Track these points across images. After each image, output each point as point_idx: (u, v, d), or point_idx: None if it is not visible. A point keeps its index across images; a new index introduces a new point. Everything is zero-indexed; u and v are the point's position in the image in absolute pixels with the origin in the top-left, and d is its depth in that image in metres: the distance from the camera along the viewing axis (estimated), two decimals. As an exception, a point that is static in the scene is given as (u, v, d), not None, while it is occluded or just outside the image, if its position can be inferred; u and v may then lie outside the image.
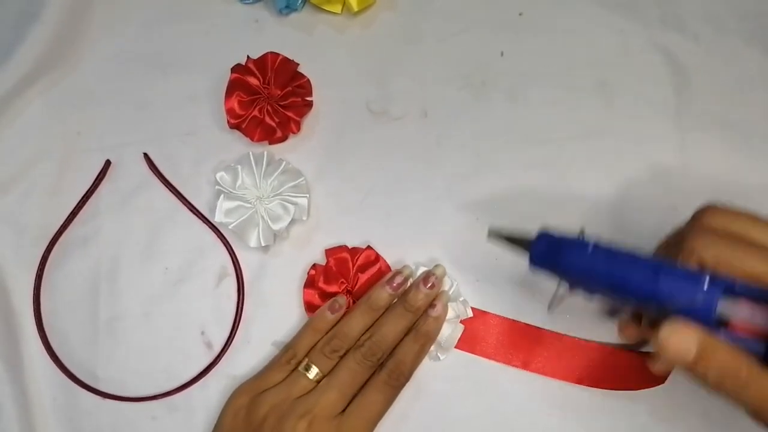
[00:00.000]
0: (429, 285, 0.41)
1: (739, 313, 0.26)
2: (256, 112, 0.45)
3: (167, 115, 0.49)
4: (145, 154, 0.47)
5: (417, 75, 0.49)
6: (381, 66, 0.49)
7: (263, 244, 0.43)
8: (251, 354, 0.44)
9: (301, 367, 0.39)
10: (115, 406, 0.43)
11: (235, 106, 0.45)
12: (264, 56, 0.46)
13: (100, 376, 0.44)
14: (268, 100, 0.45)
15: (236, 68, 0.45)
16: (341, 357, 0.40)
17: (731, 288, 0.27)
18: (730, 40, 0.49)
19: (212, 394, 0.43)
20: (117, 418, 0.43)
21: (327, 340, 0.40)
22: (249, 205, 0.43)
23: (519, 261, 0.45)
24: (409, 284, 0.42)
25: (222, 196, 0.44)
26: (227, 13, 0.51)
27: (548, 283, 0.37)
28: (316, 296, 0.43)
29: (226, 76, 0.45)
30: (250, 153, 0.44)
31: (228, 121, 0.45)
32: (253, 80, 0.45)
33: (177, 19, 0.51)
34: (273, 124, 0.45)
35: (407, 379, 0.40)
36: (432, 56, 0.49)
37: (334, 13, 0.50)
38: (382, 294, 0.41)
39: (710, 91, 0.47)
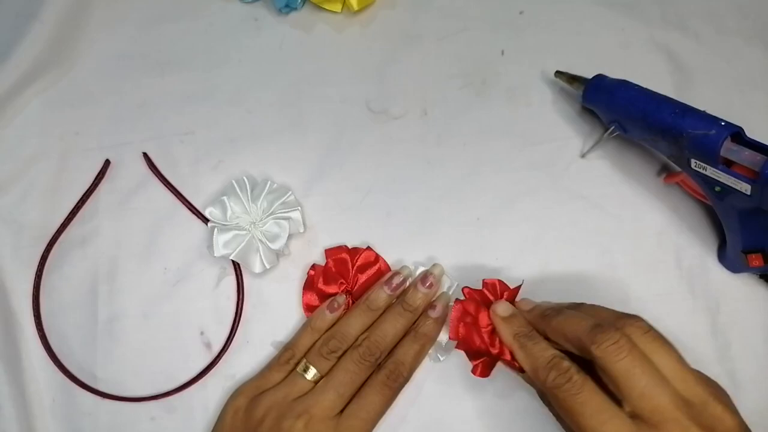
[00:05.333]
0: (427, 284, 0.41)
1: (737, 153, 0.36)
2: None
3: (166, 114, 0.49)
4: (145, 154, 0.47)
5: (417, 74, 0.49)
6: (381, 65, 0.49)
7: (267, 267, 0.43)
8: (251, 354, 0.43)
9: (299, 368, 0.39)
10: (114, 407, 0.43)
11: None
12: None
13: (99, 376, 0.44)
14: None
15: None
16: (339, 357, 0.39)
17: (738, 134, 0.37)
18: (731, 38, 0.49)
19: (211, 394, 0.43)
20: (116, 419, 0.43)
21: (325, 341, 0.40)
22: (244, 232, 0.43)
23: (518, 261, 0.45)
24: (407, 284, 0.42)
25: (215, 230, 0.43)
26: (226, 11, 0.51)
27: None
28: (315, 297, 0.43)
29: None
30: (233, 181, 0.44)
31: None
32: None
33: (176, 18, 0.51)
34: None
35: (406, 379, 0.39)
36: (432, 55, 0.49)
37: (334, 11, 0.50)
38: (381, 294, 0.41)
39: (711, 89, 0.47)
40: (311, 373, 0.39)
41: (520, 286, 0.41)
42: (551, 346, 0.35)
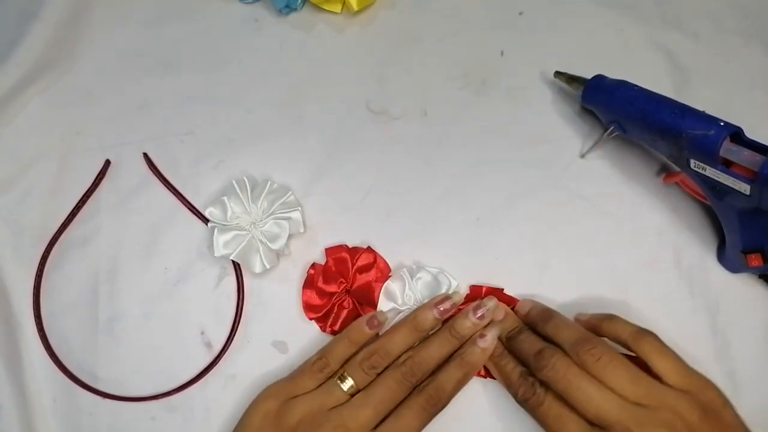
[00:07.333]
0: (478, 315, 0.40)
1: (736, 153, 0.36)
2: None
3: (166, 114, 0.49)
4: (145, 154, 0.47)
5: (417, 74, 0.49)
6: (381, 65, 0.49)
7: (268, 267, 0.43)
8: (251, 354, 0.44)
9: (336, 378, 0.39)
10: (114, 407, 0.43)
11: None
12: None
13: (100, 376, 0.44)
14: None
15: None
16: (378, 374, 0.39)
17: (737, 134, 0.37)
18: (730, 38, 0.49)
19: (211, 394, 0.43)
20: (116, 419, 0.43)
21: (367, 355, 0.39)
22: (244, 232, 0.43)
23: (518, 261, 0.45)
24: (454, 309, 0.41)
25: (215, 230, 0.43)
26: (227, 12, 0.51)
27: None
28: (315, 295, 0.43)
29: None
30: (233, 181, 0.44)
31: None
32: None
33: (176, 19, 0.51)
34: None
35: (444, 405, 0.39)
36: (432, 55, 0.49)
37: (334, 12, 0.50)
38: (429, 316, 0.40)
39: (710, 89, 0.47)
40: (347, 385, 0.38)
41: (502, 290, 0.43)
42: (519, 363, 0.39)
